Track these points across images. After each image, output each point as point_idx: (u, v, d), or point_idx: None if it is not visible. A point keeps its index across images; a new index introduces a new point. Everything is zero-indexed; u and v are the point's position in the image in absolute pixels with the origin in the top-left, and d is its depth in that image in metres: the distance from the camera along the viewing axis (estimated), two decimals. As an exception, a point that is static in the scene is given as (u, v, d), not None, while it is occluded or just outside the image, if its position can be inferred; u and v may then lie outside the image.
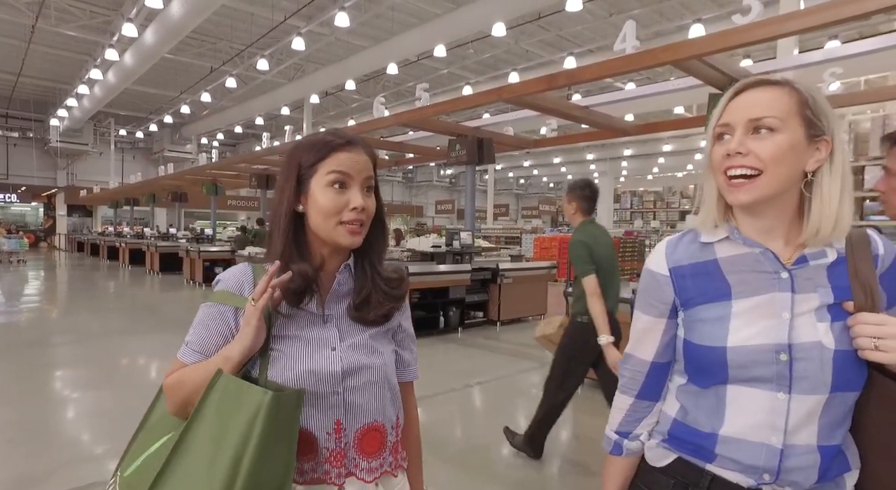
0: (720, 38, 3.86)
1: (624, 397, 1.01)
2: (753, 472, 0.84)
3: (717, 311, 0.87)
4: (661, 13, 11.79)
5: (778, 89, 0.84)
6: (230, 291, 0.97)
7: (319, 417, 0.94)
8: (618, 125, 6.38)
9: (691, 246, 0.95)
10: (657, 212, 19.81)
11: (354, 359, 0.97)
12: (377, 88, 16.94)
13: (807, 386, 0.81)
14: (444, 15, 11.05)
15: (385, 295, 1.02)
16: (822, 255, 0.85)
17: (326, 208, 0.94)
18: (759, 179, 0.82)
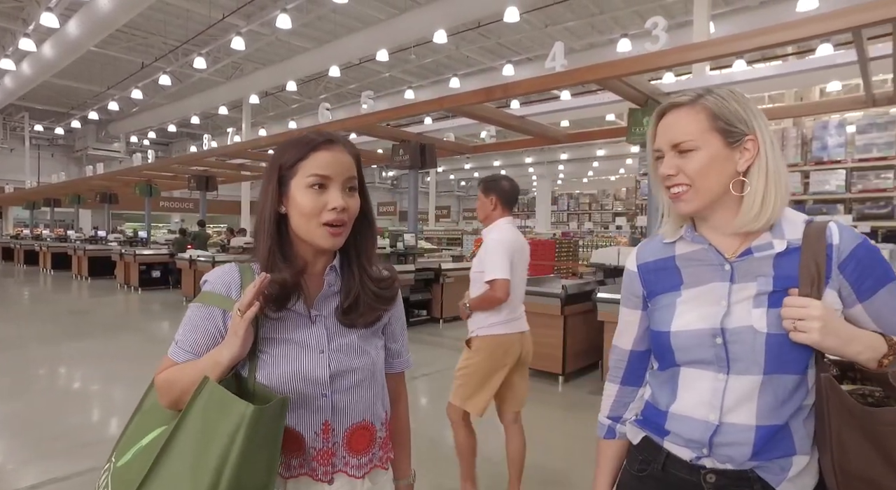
0: (636, 62, 4.36)
1: (611, 385, 1.11)
2: (694, 446, 0.93)
3: (669, 300, 0.98)
4: (592, 26, 12.54)
5: (687, 110, 0.94)
6: (218, 293, 0.97)
7: (307, 419, 0.96)
8: (550, 133, 6.87)
9: (657, 246, 1.06)
10: (592, 213, 20.86)
11: (342, 361, 0.98)
12: (318, 90, 16.89)
13: (742, 367, 0.88)
14: (387, 20, 11.27)
15: (375, 297, 1.02)
16: (769, 246, 0.92)
17: (306, 210, 0.94)
18: (690, 192, 0.93)
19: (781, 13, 9.41)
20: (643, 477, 1.01)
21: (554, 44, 4.61)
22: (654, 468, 0.99)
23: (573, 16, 11.84)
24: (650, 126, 1.00)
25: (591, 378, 5.01)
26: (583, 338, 4.98)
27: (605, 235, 12.98)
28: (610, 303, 4.39)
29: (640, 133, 5.10)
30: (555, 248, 12.81)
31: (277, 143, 8.42)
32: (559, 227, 18.39)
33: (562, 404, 4.39)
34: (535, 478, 3.16)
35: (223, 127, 21.95)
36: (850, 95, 5.32)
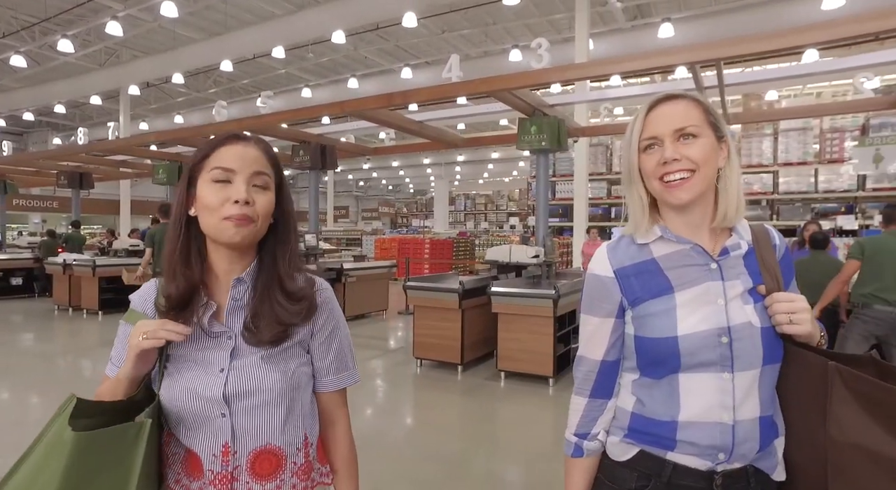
0: (523, 77, 4.85)
1: (579, 398, 1.05)
2: (710, 454, 0.91)
3: (663, 305, 0.95)
4: (486, 34, 13.19)
5: (685, 101, 0.97)
6: (136, 310, 0.98)
7: (204, 439, 0.93)
8: (447, 138, 7.26)
9: (630, 248, 1.02)
10: (487, 213, 21.85)
11: (241, 382, 0.93)
12: (208, 84, 16.04)
13: (744, 363, 0.91)
14: (283, 17, 11.06)
15: (280, 312, 0.96)
16: (738, 246, 0.97)
17: (208, 203, 0.91)
18: (694, 178, 0.93)
19: (647, 36, 10.64)
20: None
21: (451, 50, 4.96)
22: (657, 483, 0.95)
23: (469, 24, 12.39)
24: (636, 120, 0.98)
25: (487, 366, 5.45)
26: (479, 329, 5.39)
27: (499, 234, 13.77)
28: (503, 296, 4.84)
29: (528, 140, 5.61)
30: (452, 248, 13.36)
31: (174, 138, 7.97)
32: (457, 227, 19.04)
33: (461, 390, 4.76)
34: (434, 453, 3.46)
35: (95, 118, 20.00)
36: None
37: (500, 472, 3.25)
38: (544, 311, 4.65)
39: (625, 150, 1.01)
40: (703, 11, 10.75)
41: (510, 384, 4.86)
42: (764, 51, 4.07)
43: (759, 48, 4.02)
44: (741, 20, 10.02)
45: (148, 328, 0.88)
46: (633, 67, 4.64)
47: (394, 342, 7.01)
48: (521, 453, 3.49)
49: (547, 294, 4.63)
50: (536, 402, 4.46)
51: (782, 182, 12.51)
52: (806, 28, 3.96)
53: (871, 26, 3.56)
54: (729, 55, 4.07)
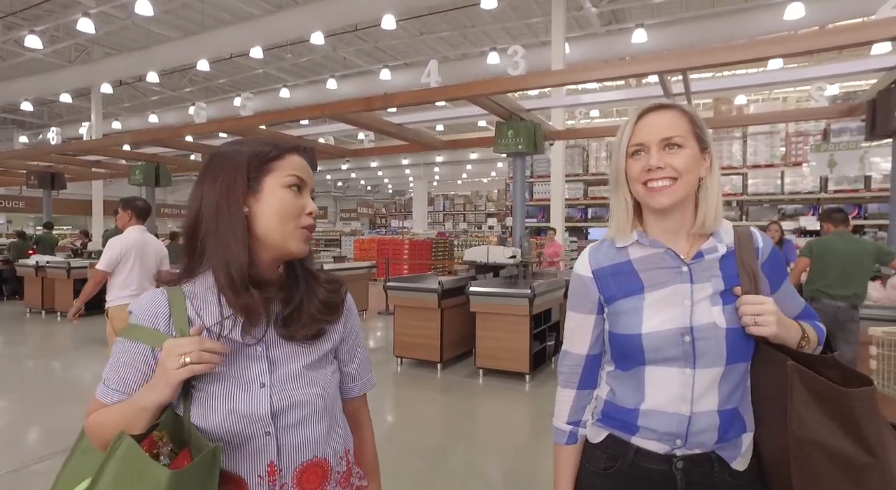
0: (501, 83, 5.01)
1: (566, 391, 1.13)
2: (668, 439, 0.99)
3: (633, 304, 1.02)
4: (465, 37, 13.35)
5: (673, 112, 1.02)
6: (143, 326, 0.87)
7: (249, 462, 0.87)
8: (426, 140, 7.39)
9: (609, 251, 1.09)
10: (466, 214, 22.03)
11: (287, 395, 0.89)
12: (183, 83, 15.87)
13: (707, 360, 0.97)
14: (262, 17, 11.04)
15: (321, 304, 0.94)
16: (715, 250, 1.02)
17: (285, 210, 0.87)
18: (675, 185, 0.98)
19: (621, 41, 10.92)
20: (611, 474, 1.05)
21: (429, 52, 5.08)
22: (623, 464, 1.04)
23: (447, 26, 12.53)
24: (626, 126, 1.03)
25: (465, 364, 5.59)
26: (458, 328, 5.53)
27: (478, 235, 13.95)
28: (481, 296, 4.99)
29: (505, 144, 5.77)
30: (431, 248, 13.48)
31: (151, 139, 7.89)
32: (435, 227, 19.15)
33: (440, 387, 4.89)
34: (415, 448, 3.59)
35: (65, 116, 19.58)
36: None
37: (480, 465, 3.39)
38: (521, 309, 4.81)
39: (614, 155, 1.06)
40: (675, 18, 11.09)
41: (488, 381, 5.01)
42: (727, 62, 4.30)
43: (723, 59, 4.25)
44: (710, 27, 10.37)
45: (187, 349, 0.79)
46: (606, 75, 4.86)
47: (374, 342, 7.11)
48: (500, 447, 3.63)
49: (523, 293, 4.80)
50: (514, 398, 4.62)
51: (751, 183, 12.94)
52: (765, 42, 4.21)
53: (826, 41, 3.80)
54: (695, 65, 4.29)
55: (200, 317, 0.87)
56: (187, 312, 0.87)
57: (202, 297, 0.89)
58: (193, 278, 0.90)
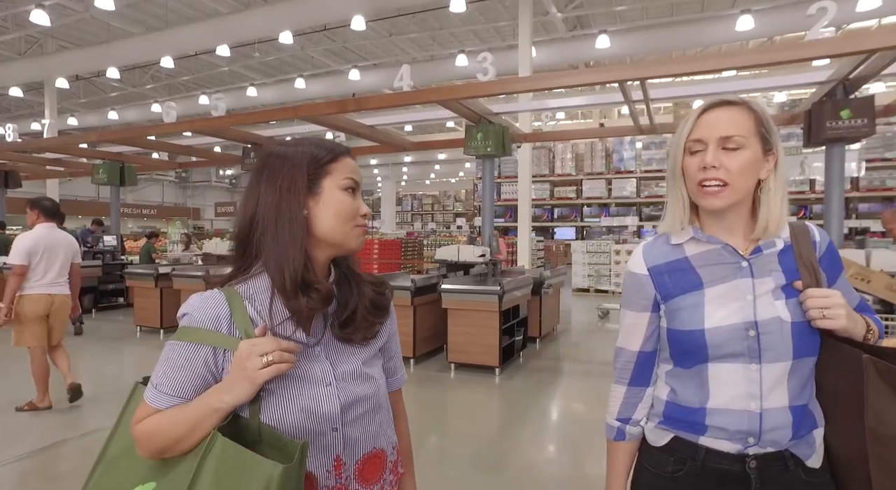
0: (470, 88, 5.26)
1: (618, 387, 1.12)
2: (740, 438, 0.97)
3: (693, 300, 1.01)
4: (434, 39, 13.58)
5: (739, 109, 0.99)
6: (204, 328, 0.86)
7: (319, 457, 0.90)
8: (397, 141, 7.58)
9: (664, 248, 1.08)
10: (434, 214, 22.26)
11: (351, 392, 0.93)
12: (145, 79, 15.56)
13: (773, 355, 0.95)
14: (229, 15, 11.00)
15: (372, 305, 0.98)
16: (773, 244, 1.02)
17: (345, 211, 0.91)
18: (728, 188, 0.97)
19: (586, 45, 11.35)
20: (680, 477, 1.03)
21: (399, 53, 5.27)
22: (693, 466, 1.01)
23: (416, 28, 12.74)
24: (689, 120, 1.02)
25: (437, 359, 5.82)
26: (430, 325, 5.75)
27: (447, 234, 14.19)
28: (452, 293, 5.23)
29: (474, 146, 6.02)
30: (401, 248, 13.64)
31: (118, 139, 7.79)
32: (404, 227, 19.30)
33: (413, 381, 5.09)
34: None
35: (14, 110, 18.90)
36: (627, 125, 6.93)
37: (452, 451, 3.62)
38: (490, 306, 5.06)
39: (672, 148, 1.05)
40: (636, 26, 11.59)
41: (459, 375, 5.25)
42: (680, 72, 4.67)
43: (676, 70, 4.62)
44: (668, 35, 10.91)
45: (267, 349, 0.81)
46: (570, 82, 5.16)
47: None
48: (471, 435, 3.87)
49: (493, 290, 5.05)
50: (484, 391, 4.87)
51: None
52: (714, 55, 4.59)
53: (767, 57, 4.19)
54: (651, 75, 4.62)
55: (262, 317, 0.88)
56: (248, 313, 0.88)
57: (259, 298, 0.89)
58: (246, 279, 0.91)
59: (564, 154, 14.76)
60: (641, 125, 6.24)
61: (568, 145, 14.50)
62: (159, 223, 22.19)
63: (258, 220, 0.89)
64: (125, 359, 6.24)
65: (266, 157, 0.94)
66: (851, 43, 3.93)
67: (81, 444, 3.58)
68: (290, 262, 0.86)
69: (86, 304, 8.61)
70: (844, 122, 4.48)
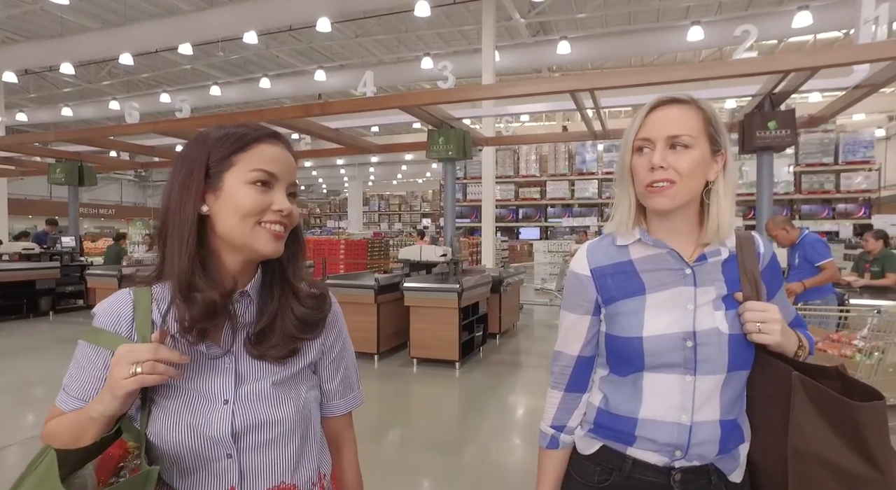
0: (431, 95, 5.61)
1: (555, 392, 1.09)
2: (668, 451, 0.96)
3: (633, 305, 0.99)
4: (400, 40, 13.84)
5: (688, 108, 0.96)
6: (104, 329, 0.83)
7: (206, 485, 0.82)
8: (362, 144, 7.85)
9: (609, 249, 1.05)
10: (402, 214, 22.52)
11: (251, 414, 0.83)
12: (101, 75, 15.32)
13: (708, 367, 0.94)
14: (191, 13, 11.03)
15: (297, 321, 0.88)
16: (718, 253, 1.00)
17: (246, 208, 0.80)
18: (675, 187, 0.94)
19: (548, 51, 11.82)
20: (605, 487, 1.02)
21: (364, 54, 5.53)
22: (619, 477, 1.01)
23: (382, 30, 12.98)
24: (637, 118, 0.99)
25: (400, 354, 6.12)
26: (394, 322, 6.05)
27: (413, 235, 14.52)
28: (414, 291, 5.54)
29: (436, 150, 6.36)
30: (367, 248, 13.88)
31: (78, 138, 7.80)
32: (371, 227, 19.49)
33: (377, 376, 5.39)
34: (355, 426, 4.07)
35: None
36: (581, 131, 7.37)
37: (414, 437, 3.93)
38: (450, 303, 5.39)
39: (621, 147, 1.03)
40: (595, 33, 12.13)
41: (422, 369, 5.56)
42: (626, 84, 5.10)
43: (622, 82, 5.05)
44: (625, 42, 11.50)
45: (139, 357, 0.74)
46: (526, 91, 5.56)
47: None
48: (432, 424, 4.19)
49: (453, 288, 5.39)
50: (444, 384, 5.19)
51: (666, 187, 14.28)
52: (656, 70, 5.03)
53: (699, 73, 4.65)
54: (600, 86, 5.04)
55: (166, 322, 0.82)
56: (152, 316, 0.83)
57: (166, 301, 0.83)
58: (164, 279, 0.84)
59: (529, 156, 15.27)
60: (595, 130, 6.68)
61: (532, 147, 15.00)
62: (117, 223, 21.77)
63: (166, 221, 0.84)
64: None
65: (180, 153, 0.89)
66: (770, 63, 4.43)
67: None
68: (176, 266, 0.80)
69: (43, 306, 8.59)
70: (771, 132, 5.00)
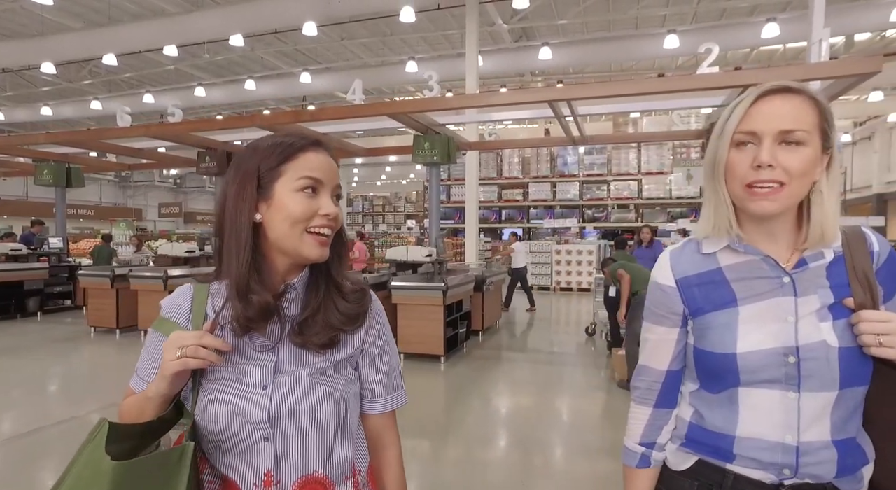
0: (417, 104, 5.99)
1: (642, 408, 1.03)
2: (774, 469, 0.89)
3: (725, 318, 0.91)
4: (385, 44, 14.17)
5: (801, 98, 0.87)
6: (169, 319, 0.93)
7: (245, 466, 0.88)
8: (350, 148, 8.19)
9: (694, 256, 0.99)
10: (386, 215, 22.82)
11: (286, 401, 0.88)
12: (82, 74, 15.38)
13: (816, 384, 0.86)
14: (176, 15, 11.21)
15: (339, 313, 0.94)
16: (820, 256, 0.90)
17: (295, 215, 0.87)
18: (784, 190, 0.86)
19: (530, 56, 12.26)
20: None
21: (350, 57, 5.84)
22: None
23: (368, 33, 13.29)
24: (739, 108, 0.89)
25: (388, 351, 6.46)
26: (381, 320, 6.39)
27: (398, 236, 14.85)
28: (401, 289, 5.91)
29: (421, 155, 6.72)
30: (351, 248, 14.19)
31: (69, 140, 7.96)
32: (355, 228, 19.73)
33: (366, 371, 5.73)
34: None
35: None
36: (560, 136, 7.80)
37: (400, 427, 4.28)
38: (436, 300, 5.76)
39: (713, 140, 0.93)
40: (575, 39, 12.62)
41: (408, 363, 5.92)
42: (600, 95, 5.52)
43: (596, 93, 5.46)
44: (604, 49, 12.00)
45: (186, 342, 0.82)
46: (507, 100, 5.97)
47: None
48: (418, 414, 4.55)
49: (438, 287, 5.76)
50: (430, 377, 5.55)
51: (645, 188, 14.89)
52: (628, 82, 5.46)
53: (666, 86, 5.09)
54: (575, 97, 5.45)
55: (218, 314, 0.90)
56: (206, 309, 0.92)
57: (223, 296, 0.92)
58: (221, 279, 0.93)
59: (511, 158, 15.72)
60: (573, 136, 7.10)
61: (515, 149, 15.44)
62: (97, 224, 21.73)
63: (223, 227, 0.91)
64: (85, 356, 6.57)
65: (232, 162, 0.96)
66: (731, 78, 4.89)
67: (59, 429, 4.03)
68: (234, 270, 0.88)
69: (31, 306, 8.76)
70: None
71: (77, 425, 3.99)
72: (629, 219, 14.81)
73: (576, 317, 9.64)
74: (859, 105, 15.72)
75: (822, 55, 4.34)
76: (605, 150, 14.85)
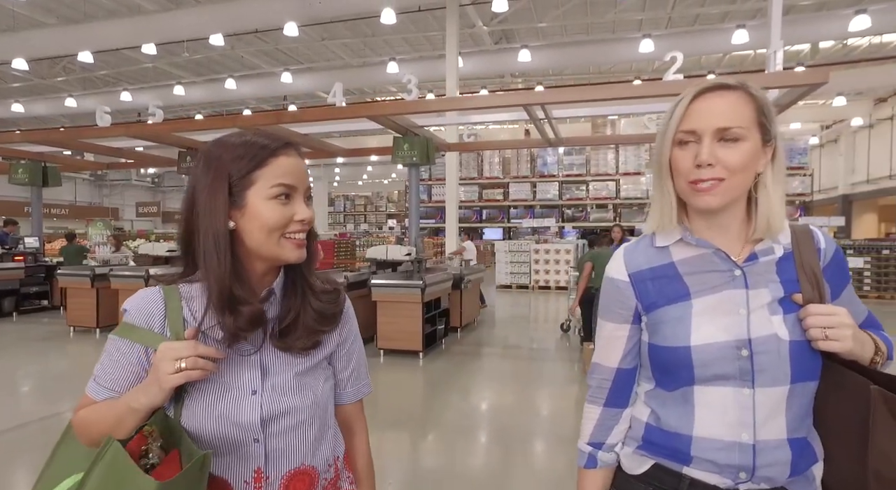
0: (397, 106, 6.19)
1: (592, 407, 1.04)
2: (730, 472, 0.89)
3: (678, 312, 0.92)
4: (366, 44, 14.32)
5: (737, 94, 0.89)
6: (137, 326, 0.89)
7: (236, 467, 0.90)
8: (331, 149, 8.34)
9: (648, 251, 1.00)
10: (367, 214, 22.95)
11: (277, 403, 0.91)
12: (56, 71, 15.24)
13: (768, 378, 0.87)
14: (155, 13, 11.23)
15: (317, 315, 0.96)
16: (771, 251, 0.93)
17: (271, 224, 0.87)
18: (724, 185, 0.88)
19: (509, 58, 12.52)
20: None
21: (331, 56, 6.00)
22: None
23: (349, 34, 13.43)
24: (678, 107, 0.91)
25: (368, 347, 6.60)
26: (362, 316, 6.53)
27: (379, 235, 15.01)
28: (381, 287, 6.10)
29: (401, 156, 6.92)
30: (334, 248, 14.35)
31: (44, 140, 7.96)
32: (336, 228, 19.82)
33: (346, 367, 5.91)
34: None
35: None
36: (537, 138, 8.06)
37: (379, 418, 4.48)
38: (414, 298, 5.97)
39: (658, 139, 0.96)
40: (554, 42, 12.93)
41: (388, 359, 6.12)
42: (573, 100, 5.78)
43: (568, 98, 5.72)
44: (582, 52, 12.33)
45: (181, 354, 0.82)
46: (485, 104, 6.23)
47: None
48: (397, 406, 4.75)
49: (416, 284, 5.96)
50: (409, 372, 5.76)
51: (623, 188, 15.28)
52: (600, 88, 5.72)
53: (636, 92, 5.36)
54: (549, 101, 5.70)
55: (196, 319, 0.89)
56: (183, 314, 0.90)
57: (199, 300, 0.90)
58: (191, 281, 0.92)
59: (492, 158, 15.99)
60: (549, 138, 7.36)
61: (495, 149, 15.70)
62: (73, 223, 21.44)
63: (196, 229, 0.89)
64: (65, 354, 6.63)
65: (199, 161, 0.92)
66: (694, 85, 5.15)
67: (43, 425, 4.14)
68: (216, 278, 0.87)
69: (6, 307, 8.74)
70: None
71: (58, 422, 4.11)
72: (608, 218, 15.17)
73: (553, 314, 9.91)
74: (825, 109, 16.32)
75: (776, 65, 4.64)
76: (584, 150, 15.19)
